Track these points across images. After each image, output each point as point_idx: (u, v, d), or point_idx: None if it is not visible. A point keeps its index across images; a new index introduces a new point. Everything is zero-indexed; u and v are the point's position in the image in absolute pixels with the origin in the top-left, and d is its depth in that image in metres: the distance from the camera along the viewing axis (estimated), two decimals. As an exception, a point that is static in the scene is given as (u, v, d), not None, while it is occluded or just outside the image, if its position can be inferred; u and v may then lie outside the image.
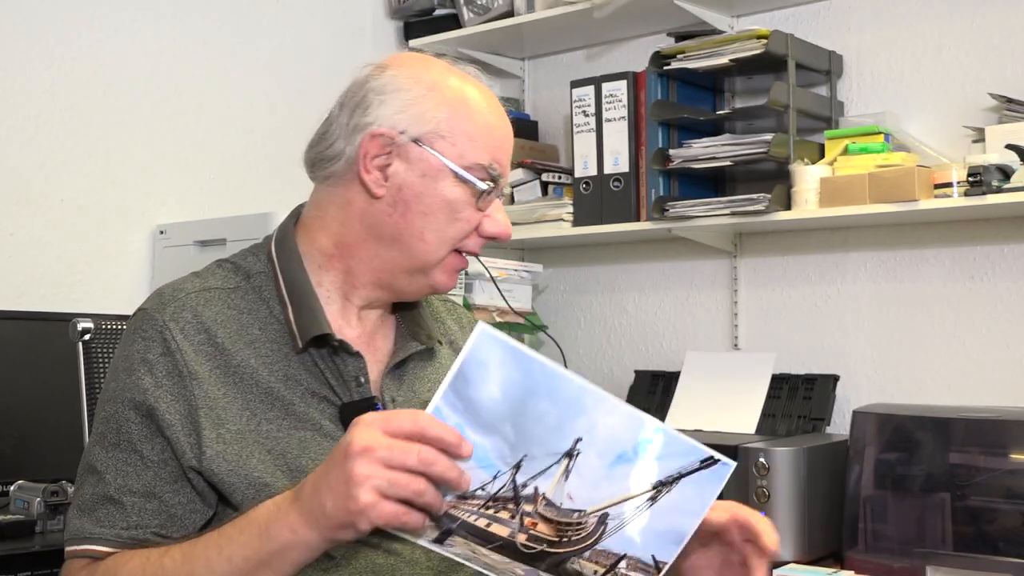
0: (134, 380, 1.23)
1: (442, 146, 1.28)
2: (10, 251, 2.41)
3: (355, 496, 0.99)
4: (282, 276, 1.30)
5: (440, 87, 1.30)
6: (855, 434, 2.24)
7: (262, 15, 2.89)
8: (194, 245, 2.53)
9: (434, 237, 1.28)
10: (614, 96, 2.71)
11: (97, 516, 1.20)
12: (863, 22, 2.61)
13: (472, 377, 1.01)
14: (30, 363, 2.25)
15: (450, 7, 3.06)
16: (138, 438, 1.21)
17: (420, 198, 1.28)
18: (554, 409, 1.02)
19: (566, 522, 1.05)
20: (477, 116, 1.30)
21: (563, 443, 1.03)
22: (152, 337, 1.24)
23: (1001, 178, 2.18)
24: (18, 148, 2.44)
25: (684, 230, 2.62)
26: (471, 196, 1.29)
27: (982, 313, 2.44)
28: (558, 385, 1.02)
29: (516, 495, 1.03)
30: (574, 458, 1.03)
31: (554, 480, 1.04)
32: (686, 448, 1.07)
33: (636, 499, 1.06)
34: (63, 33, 2.51)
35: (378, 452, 0.99)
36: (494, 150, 1.30)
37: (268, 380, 1.24)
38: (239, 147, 2.83)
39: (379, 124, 1.28)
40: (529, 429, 1.02)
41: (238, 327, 1.27)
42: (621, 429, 1.04)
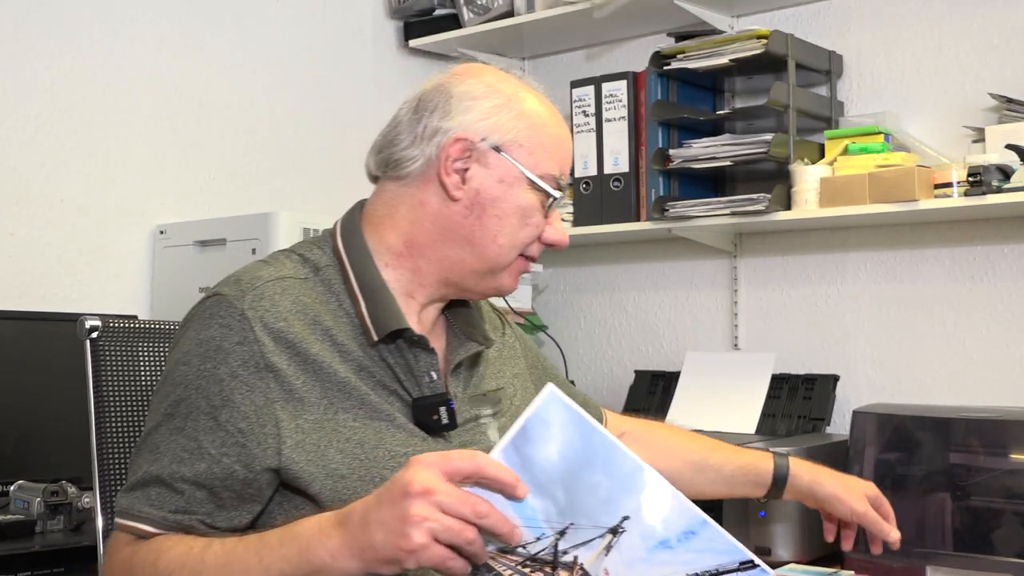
0: (209, 368, 1.23)
1: (520, 154, 1.34)
2: (10, 251, 2.41)
3: (409, 535, 1.01)
4: (352, 271, 1.33)
5: (519, 99, 1.37)
6: (855, 434, 2.24)
7: (262, 15, 2.89)
8: (194, 245, 2.53)
9: (506, 240, 1.34)
10: (614, 96, 2.71)
11: (148, 495, 1.22)
12: (863, 22, 2.61)
13: (533, 436, 1.02)
14: (30, 363, 2.25)
15: (450, 7, 3.06)
16: (203, 428, 1.22)
17: (496, 202, 1.34)
18: (607, 483, 1.03)
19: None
20: (551, 129, 1.38)
21: (610, 518, 1.04)
22: (230, 325, 1.24)
23: (1001, 178, 2.18)
24: (18, 148, 2.44)
25: (684, 230, 2.62)
26: (541, 203, 1.36)
27: (982, 313, 2.44)
28: (615, 459, 1.04)
29: (555, 560, 1.04)
30: (618, 535, 1.04)
31: (595, 553, 1.04)
32: (728, 547, 1.08)
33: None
34: (63, 33, 2.51)
35: (437, 496, 1.01)
36: (562, 162, 1.38)
37: (342, 371, 1.26)
38: (239, 147, 2.83)
39: (462, 130, 1.33)
40: (580, 498, 1.03)
41: (312, 317, 1.28)
42: (669, 515, 1.05)
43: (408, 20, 3.14)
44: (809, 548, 2.19)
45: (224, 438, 1.21)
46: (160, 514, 1.21)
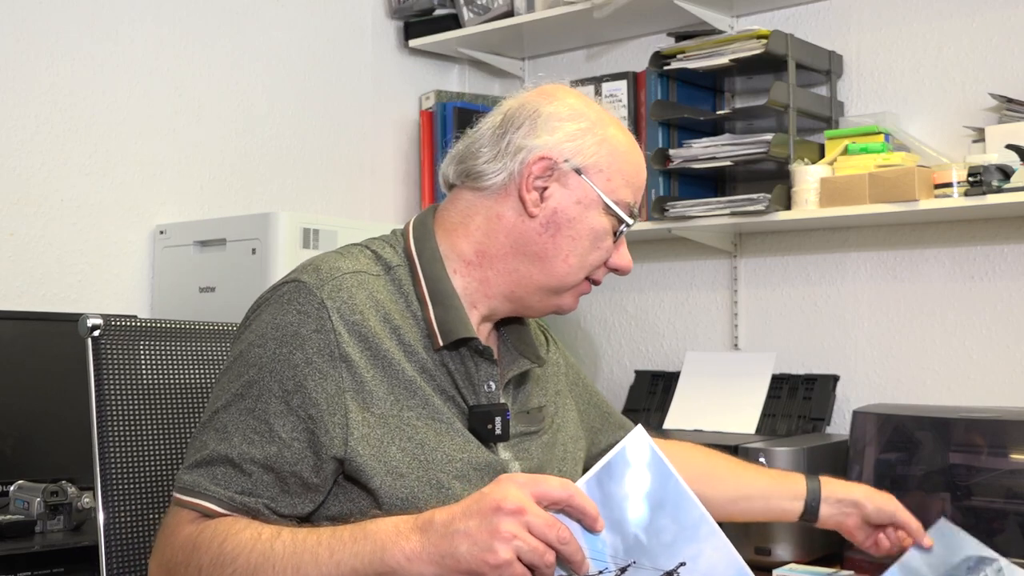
0: (285, 352, 1.24)
1: (599, 179, 1.37)
2: (10, 251, 2.41)
3: (496, 550, 1.04)
4: (423, 274, 1.34)
5: (603, 124, 1.40)
6: (855, 434, 2.24)
7: (262, 15, 2.89)
8: (194, 245, 2.53)
9: (577, 261, 1.37)
10: (614, 96, 2.71)
11: (214, 474, 1.22)
12: (863, 22, 2.61)
13: (616, 472, 1.07)
14: (30, 363, 2.25)
15: (450, 7, 3.06)
16: (274, 412, 1.22)
17: (572, 223, 1.36)
18: (673, 527, 1.07)
19: None
20: (631, 157, 1.40)
21: (669, 562, 1.07)
22: (308, 312, 1.25)
23: (1001, 178, 2.18)
24: (18, 148, 2.44)
25: (684, 230, 2.62)
26: (613, 229, 1.38)
27: (982, 313, 2.44)
28: (684, 506, 1.08)
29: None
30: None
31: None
32: None
33: None
34: (63, 33, 2.51)
35: (528, 517, 1.05)
36: (637, 191, 1.40)
37: (409, 370, 1.28)
38: (239, 147, 2.83)
39: (547, 149, 1.36)
40: (647, 539, 1.07)
41: (384, 314, 1.29)
42: (721, 567, 1.08)
43: (408, 20, 3.14)
44: (809, 548, 2.19)
45: (295, 423, 1.22)
46: (227, 494, 1.20)
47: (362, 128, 3.06)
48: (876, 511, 1.59)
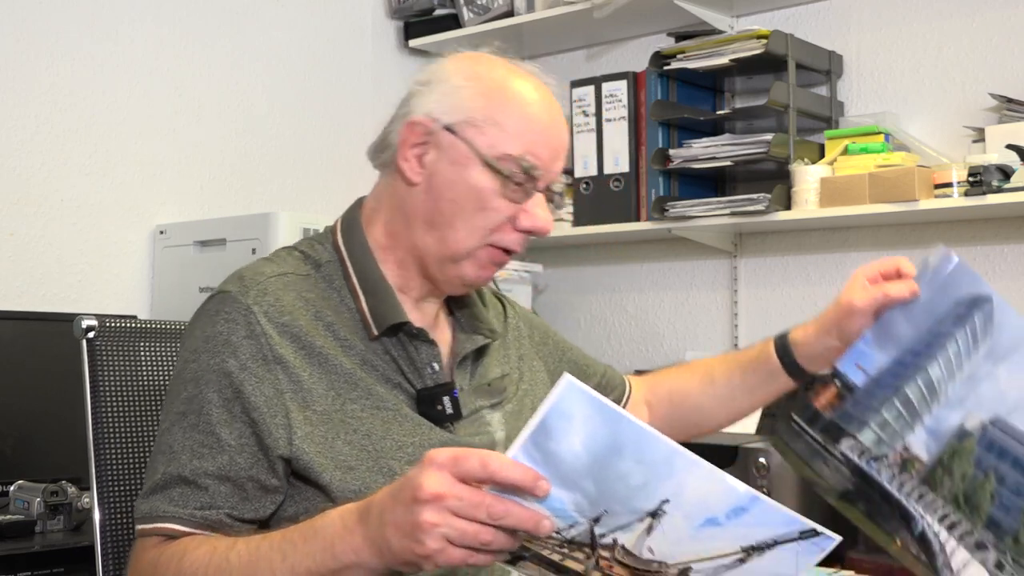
0: (218, 362, 1.23)
1: (472, 134, 1.28)
2: (10, 251, 2.41)
3: (422, 541, 0.98)
4: (352, 266, 1.32)
5: (481, 78, 1.31)
6: (855, 434, 2.24)
7: (262, 15, 2.89)
8: (194, 245, 2.53)
9: (463, 226, 1.28)
10: (614, 96, 2.71)
11: (171, 496, 1.21)
12: (863, 22, 2.61)
13: (554, 430, 0.96)
14: (30, 363, 2.25)
15: (450, 7, 3.06)
16: (218, 421, 1.21)
17: (451, 186, 1.29)
18: (640, 469, 0.98)
19: (644, 569, 1.01)
20: (513, 107, 1.29)
21: (648, 503, 0.99)
22: (236, 319, 1.24)
23: (1001, 178, 2.17)
24: (18, 148, 2.44)
25: (684, 230, 2.62)
26: (500, 186, 1.28)
27: (982, 313, 2.44)
28: (647, 446, 0.97)
29: (593, 543, 1.00)
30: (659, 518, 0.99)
31: (635, 534, 1.00)
32: (785, 519, 1.01)
33: (723, 558, 1.02)
34: (63, 34, 2.51)
35: (447, 501, 0.98)
36: (529, 143, 1.29)
37: (348, 364, 1.26)
38: (239, 147, 2.83)
39: (420, 112, 1.30)
40: (611, 487, 0.98)
41: (315, 312, 1.28)
42: (713, 495, 0.99)
43: (408, 20, 3.14)
44: (809, 548, 2.19)
45: (241, 428, 1.21)
46: (186, 512, 1.20)
47: (362, 128, 3.05)
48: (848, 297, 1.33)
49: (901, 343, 1.25)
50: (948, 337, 1.24)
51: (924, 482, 1.20)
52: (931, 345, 1.24)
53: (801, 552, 1.03)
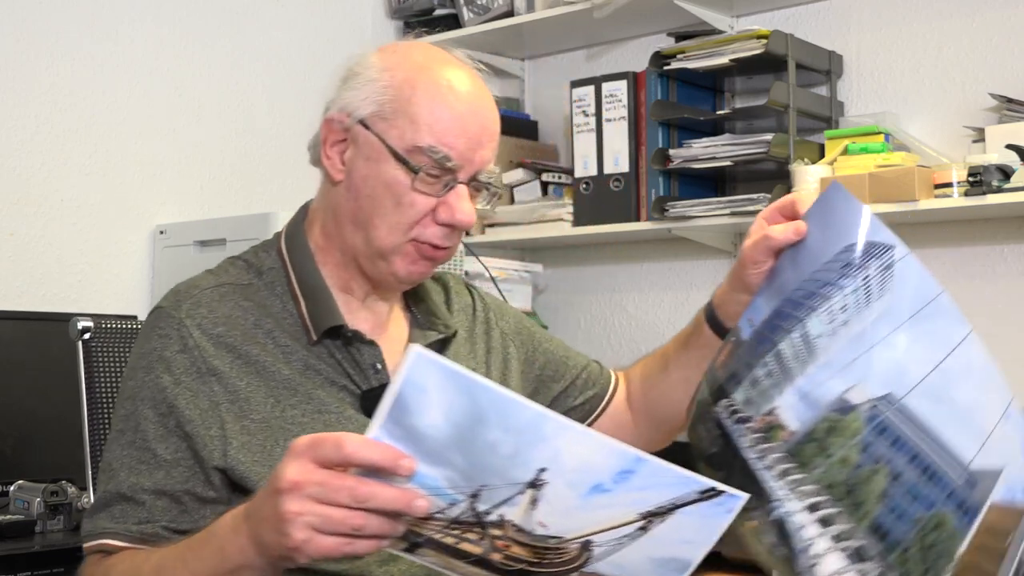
0: (152, 378, 1.23)
1: (383, 128, 1.26)
2: (10, 251, 2.41)
3: (288, 533, 0.94)
4: (293, 271, 1.31)
5: (393, 69, 1.28)
6: (855, 434, 2.24)
7: (262, 15, 2.89)
8: (194, 245, 2.53)
9: (382, 222, 1.26)
10: (614, 96, 2.71)
11: (112, 512, 1.21)
12: (863, 22, 2.61)
13: (411, 404, 0.91)
14: (30, 363, 2.25)
15: (450, 7, 3.06)
16: (153, 437, 1.22)
17: (366, 181, 1.27)
18: (508, 438, 0.91)
19: (543, 547, 0.96)
20: (422, 97, 1.25)
21: (524, 473, 0.93)
22: (169, 335, 1.25)
23: (1001, 178, 2.17)
24: (18, 148, 2.44)
25: (684, 230, 2.62)
26: (412, 180, 1.24)
27: (982, 313, 2.43)
28: (511, 412, 0.91)
29: (480, 521, 0.95)
30: (540, 488, 0.94)
31: (521, 508, 0.94)
32: (678, 479, 0.94)
33: (621, 528, 0.96)
34: (63, 34, 2.51)
35: (307, 489, 0.93)
36: (441, 133, 1.24)
37: (287, 371, 1.25)
38: (239, 147, 2.83)
39: (336, 109, 1.30)
40: (482, 459, 0.92)
41: (254, 320, 1.28)
42: (593, 459, 0.93)
43: (408, 20, 3.14)
44: (809, 548, 2.19)
45: (176, 443, 1.22)
46: (123, 527, 1.20)
47: (362, 128, 3.06)
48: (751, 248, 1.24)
49: (783, 291, 1.11)
50: (833, 286, 1.06)
51: (792, 456, 1.03)
52: (813, 295, 1.07)
53: (708, 515, 0.96)
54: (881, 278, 1.06)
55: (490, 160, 1.29)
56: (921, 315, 1.06)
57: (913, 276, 1.08)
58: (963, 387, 1.06)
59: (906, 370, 1.03)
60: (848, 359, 1.03)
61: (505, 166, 2.98)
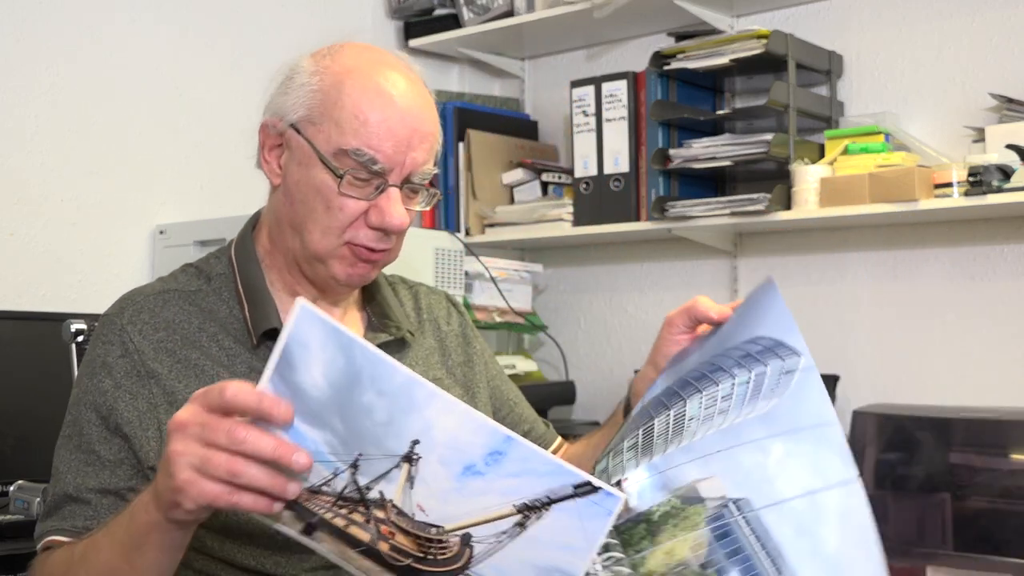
0: (95, 383, 1.26)
1: (312, 132, 1.27)
2: (10, 251, 2.41)
3: (173, 473, 0.95)
4: (239, 276, 1.34)
5: (323, 72, 1.29)
6: (855, 434, 2.24)
7: (262, 15, 2.89)
8: (194, 245, 2.53)
9: (315, 226, 1.27)
10: (614, 96, 2.71)
11: (61, 514, 1.23)
12: (863, 22, 2.61)
13: (296, 361, 0.92)
14: (30, 363, 2.25)
15: (450, 7, 3.06)
16: (96, 439, 1.24)
17: (299, 186, 1.28)
18: (382, 402, 0.92)
19: (426, 537, 0.96)
20: (348, 100, 1.26)
21: (399, 444, 0.93)
22: (111, 340, 1.28)
23: (1001, 178, 2.18)
24: (18, 148, 2.44)
25: (684, 230, 2.62)
26: (339, 184, 1.25)
27: (982, 313, 2.44)
28: (382, 374, 0.92)
29: (363, 497, 0.96)
30: (414, 463, 0.94)
31: (398, 486, 0.95)
32: (550, 467, 0.93)
33: (500, 522, 0.95)
34: (63, 33, 2.51)
35: (191, 428, 0.95)
36: (366, 136, 1.24)
37: (227, 373, 1.27)
38: (239, 147, 2.80)
39: (270, 114, 1.32)
40: (358, 423, 0.92)
41: (198, 324, 1.30)
42: (463, 435, 0.93)
43: (408, 20, 3.14)
44: (809, 548, 2.19)
45: (119, 444, 1.24)
46: (69, 524, 1.22)
47: (362, 128, 3.06)
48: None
49: (681, 371, 1.11)
50: (724, 372, 1.03)
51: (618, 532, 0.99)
52: (703, 377, 1.05)
53: (586, 515, 0.94)
54: (776, 380, 1.01)
55: (424, 162, 1.29)
56: (806, 434, 0.99)
57: (812, 394, 1.01)
58: (835, 532, 0.96)
59: (772, 482, 0.97)
60: (712, 448, 0.98)
61: (505, 166, 2.98)
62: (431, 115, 1.31)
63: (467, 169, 2.93)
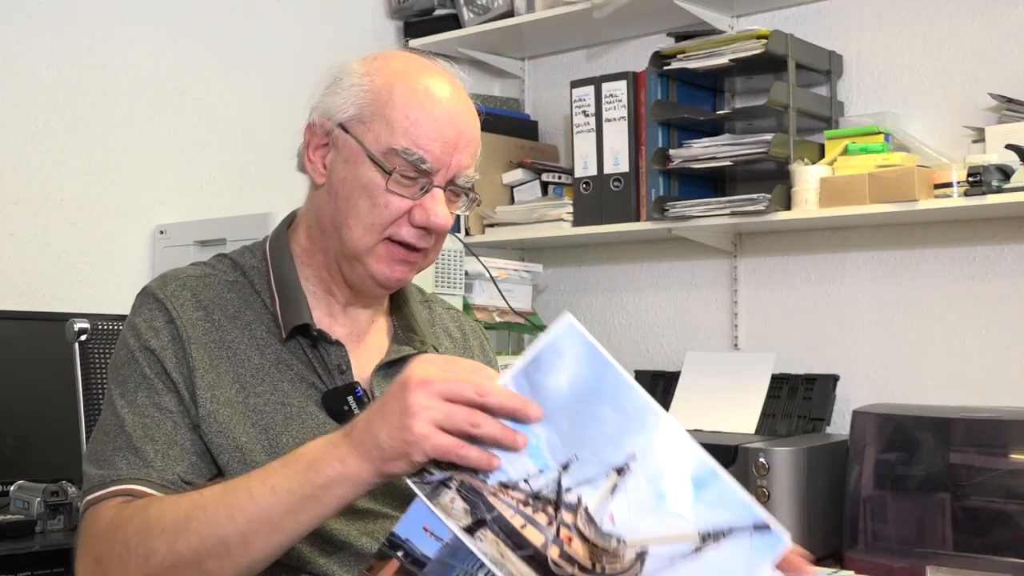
0: (144, 342, 1.28)
1: (361, 131, 1.30)
2: (10, 251, 2.41)
3: (410, 427, 1.01)
4: (273, 272, 1.35)
5: (373, 74, 1.32)
6: (855, 434, 2.24)
7: (262, 15, 2.89)
8: (194, 245, 2.53)
9: (356, 223, 1.29)
10: (614, 96, 2.71)
11: (122, 464, 1.22)
12: (863, 22, 2.61)
13: (545, 364, 1.01)
14: (30, 363, 2.25)
15: (450, 7, 3.06)
16: (157, 390, 1.25)
17: (344, 183, 1.30)
18: (615, 416, 1.01)
19: (603, 548, 1.01)
20: (399, 101, 1.29)
21: (617, 456, 1.00)
22: (156, 308, 1.30)
23: (1001, 178, 2.18)
24: (18, 148, 2.44)
25: (684, 230, 2.62)
26: (387, 181, 1.28)
27: (982, 313, 2.44)
28: (626, 395, 1.01)
29: (558, 498, 1.01)
30: (624, 475, 1.01)
31: (600, 493, 1.01)
32: (740, 504, 1.01)
33: (679, 544, 1.01)
34: (63, 33, 2.51)
35: (436, 385, 1.01)
36: (416, 136, 1.28)
37: (259, 360, 1.29)
38: (239, 147, 2.83)
39: (317, 114, 1.35)
40: (586, 429, 1.01)
41: (234, 311, 1.32)
42: (678, 459, 1.01)
43: (408, 20, 3.14)
44: (809, 548, 2.18)
45: (177, 398, 1.25)
46: (142, 473, 1.20)
47: (362, 128, 3.06)
48: None
49: None
50: None
51: None
52: None
53: (754, 551, 1.01)
54: None
55: (468, 166, 1.32)
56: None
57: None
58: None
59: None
60: None
61: (505, 166, 2.98)
62: (475, 120, 1.35)
63: (467, 169, 2.92)
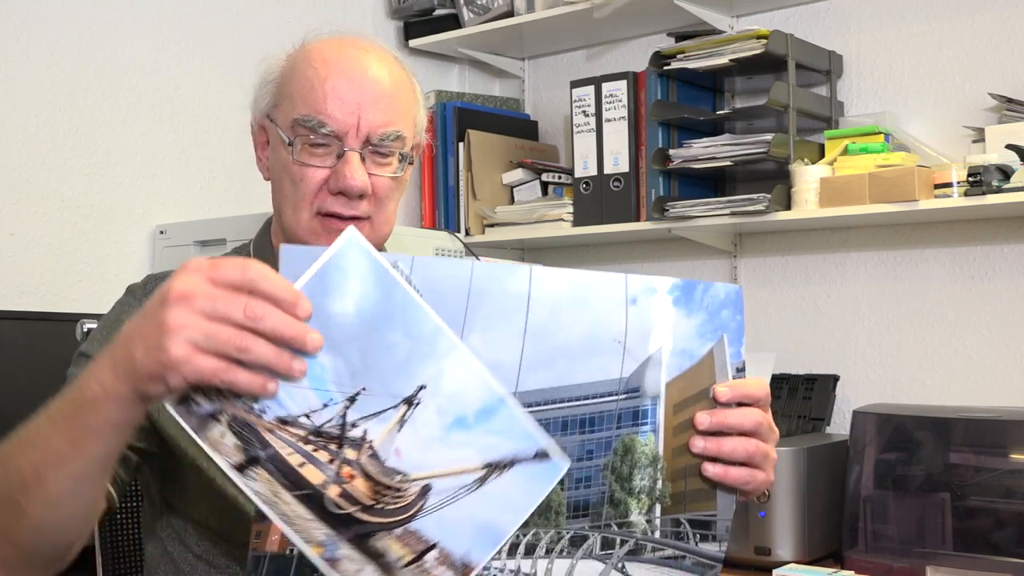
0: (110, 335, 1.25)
1: (276, 114, 1.32)
2: (10, 251, 2.41)
3: (165, 347, 0.89)
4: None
5: (287, 59, 1.35)
6: (855, 434, 2.24)
7: (262, 15, 2.89)
8: (194, 245, 2.53)
9: (287, 205, 1.32)
10: (614, 96, 2.71)
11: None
12: (863, 22, 2.61)
13: (329, 285, 0.91)
14: (30, 363, 2.25)
15: (450, 7, 3.06)
16: None
17: (273, 171, 1.35)
18: (405, 343, 0.93)
19: (386, 484, 0.95)
20: (297, 73, 1.30)
21: (406, 386, 0.94)
22: (130, 303, 1.33)
23: (1001, 178, 2.18)
24: (18, 148, 2.44)
25: (684, 230, 2.62)
26: (293, 153, 1.29)
27: (982, 313, 2.44)
28: (416, 318, 0.93)
29: (342, 434, 0.93)
30: (413, 407, 0.95)
31: (387, 428, 0.94)
32: (524, 433, 0.97)
33: (463, 476, 0.97)
34: (63, 33, 2.51)
35: (198, 301, 0.89)
36: (315, 102, 1.27)
37: None
38: (239, 147, 2.83)
39: (255, 112, 1.38)
40: (375, 359, 0.93)
41: None
42: (468, 388, 0.95)
43: (408, 20, 3.14)
44: (809, 548, 2.19)
45: None
46: None
47: (362, 128, 3.06)
48: None
49: None
50: None
51: None
52: None
53: (534, 478, 0.98)
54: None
55: (385, 124, 1.30)
56: None
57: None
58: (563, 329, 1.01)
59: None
60: None
61: (505, 166, 2.99)
62: (392, 78, 1.34)
63: (467, 169, 2.93)
